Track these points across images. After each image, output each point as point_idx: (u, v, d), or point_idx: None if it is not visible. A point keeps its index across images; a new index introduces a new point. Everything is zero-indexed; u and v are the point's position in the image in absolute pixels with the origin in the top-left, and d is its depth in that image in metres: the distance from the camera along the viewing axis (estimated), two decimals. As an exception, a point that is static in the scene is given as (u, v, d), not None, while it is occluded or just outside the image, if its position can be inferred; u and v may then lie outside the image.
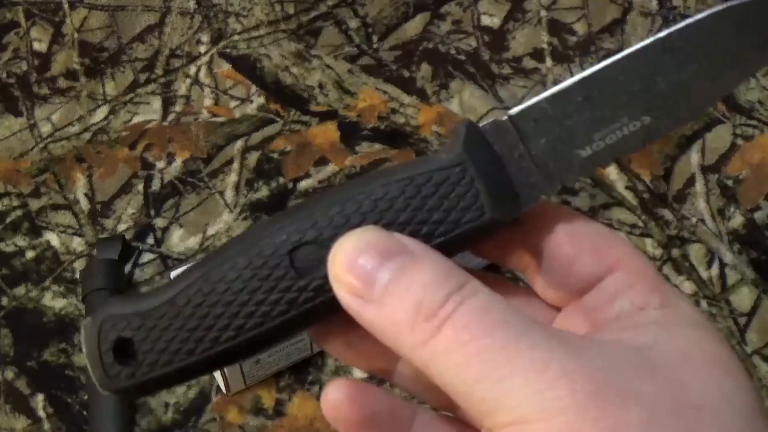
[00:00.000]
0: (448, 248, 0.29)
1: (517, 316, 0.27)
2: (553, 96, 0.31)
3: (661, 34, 0.31)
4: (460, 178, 0.29)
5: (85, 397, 0.58)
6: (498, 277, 0.34)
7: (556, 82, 0.72)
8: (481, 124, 0.31)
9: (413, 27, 0.75)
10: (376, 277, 0.27)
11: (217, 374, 0.57)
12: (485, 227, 0.30)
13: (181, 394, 0.58)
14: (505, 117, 0.31)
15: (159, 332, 0.29)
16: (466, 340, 0.26)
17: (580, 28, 0.75)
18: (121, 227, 0.65)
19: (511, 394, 0.26)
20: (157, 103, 0.71)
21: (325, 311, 0.29)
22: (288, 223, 0.29)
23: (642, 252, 0.31)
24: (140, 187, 0.67)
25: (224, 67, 0.73)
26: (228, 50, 0.73)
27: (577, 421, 0.25)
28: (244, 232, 0.31)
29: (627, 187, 0.67)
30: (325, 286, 0.29)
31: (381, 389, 0.33)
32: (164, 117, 0.70)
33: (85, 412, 0.58)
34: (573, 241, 0.31)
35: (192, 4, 0.76)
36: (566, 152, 0.31)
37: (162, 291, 0.30)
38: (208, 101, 0.71)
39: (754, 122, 0.70)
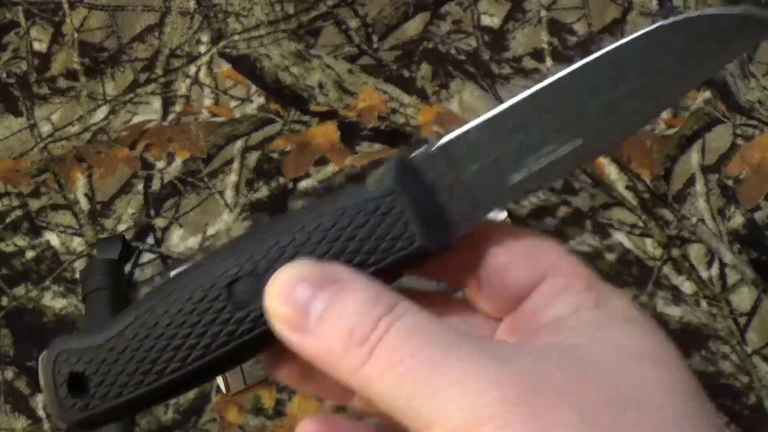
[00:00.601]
0: (382, 276, 0.30)
1: (447, 332, 0.27)
2: (483, 123, 0.31)
3: (593, 56, 0.31)
4: (390, 208, 0.30)
5: (85, 397, 0.58)
6: (443, 294, 0.34)
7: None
8: (411, 155, 0.31)
9: (413, 27, 0.75)
10: (311, 307, 0.28)
11: (217, 374, 0.57)
12: (417, 255, 0.30)
13: (181, 394, 0.59)
14: (435, 147, 0.31)
15: (108, 365, 0.30)
16: (397, 360, 0.27)
17: (580, 28, 0.75)
18: (121, 227, 0.65)
19: (444, 407, 0.26)
20: (157, 103, 0.71)
21: (265, 342, 0.30)
22: (227, 257, 0.30)
23: (575, 255, 0.31)
24: (140, 187, 0.67)
25: (224, 67, 0.73)
26: (228, 50, 0.73)
27: (506, 427, 0.25)
28: (188, 266, 0.32)
29: (627, 187, 0.67)
30: (262, 318, 0.29)
31: (352, 420, 0.33)
32: (164, 117, 0.70)
33: (85, 412, 0.58)
34: (506, 252, 0.31)
35: (192, 4, 0.76)
36: (497, 178, 0.31)
37: (112, 325, 0.31)
38: (208, 101, 0.71)
39: (754, 122, 0.70)
